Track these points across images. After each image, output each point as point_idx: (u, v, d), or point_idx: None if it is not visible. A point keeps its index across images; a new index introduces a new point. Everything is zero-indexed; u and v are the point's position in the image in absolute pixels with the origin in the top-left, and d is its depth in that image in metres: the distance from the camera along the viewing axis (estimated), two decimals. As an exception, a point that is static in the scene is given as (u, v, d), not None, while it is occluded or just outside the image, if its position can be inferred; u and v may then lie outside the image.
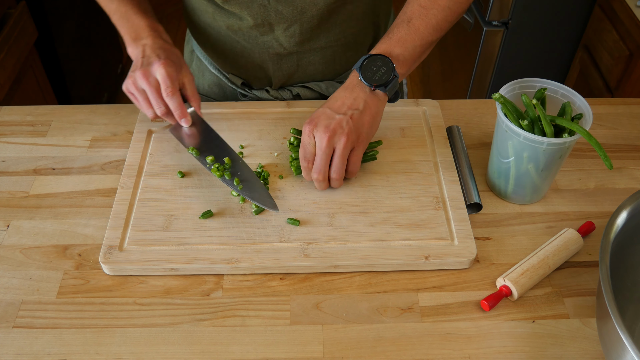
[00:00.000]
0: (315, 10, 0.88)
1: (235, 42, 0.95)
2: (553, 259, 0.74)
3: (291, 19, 0.89)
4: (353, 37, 0.96)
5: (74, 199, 0.84)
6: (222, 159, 0.83)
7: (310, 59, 0.96)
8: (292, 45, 0.93)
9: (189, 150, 0.84)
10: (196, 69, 1.07)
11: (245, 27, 0.92)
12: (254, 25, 0.90)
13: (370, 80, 0.80)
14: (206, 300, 0.72)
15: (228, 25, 0.93)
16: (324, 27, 0.92)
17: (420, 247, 0.76)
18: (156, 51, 0.84)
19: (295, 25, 0.90)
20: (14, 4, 1.71)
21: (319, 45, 0.94)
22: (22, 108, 0.99)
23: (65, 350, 0.67)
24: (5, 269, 0.75)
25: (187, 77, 0.86)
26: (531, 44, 1.89)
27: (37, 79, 1.86)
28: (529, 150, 0.75)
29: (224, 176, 0.81)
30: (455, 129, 0.92)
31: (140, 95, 0.84)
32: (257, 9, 0.88)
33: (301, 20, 0.89)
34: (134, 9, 0.88)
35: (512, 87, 0.79)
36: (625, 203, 0.66)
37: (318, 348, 0.67)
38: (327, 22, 0.91)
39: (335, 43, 0.95)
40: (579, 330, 0.69)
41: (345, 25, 0.93)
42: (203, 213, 0.79)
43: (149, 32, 0.86)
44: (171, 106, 0.83)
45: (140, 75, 0.82)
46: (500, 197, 0.84)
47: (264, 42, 0.93)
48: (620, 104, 1.00)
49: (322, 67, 0.98)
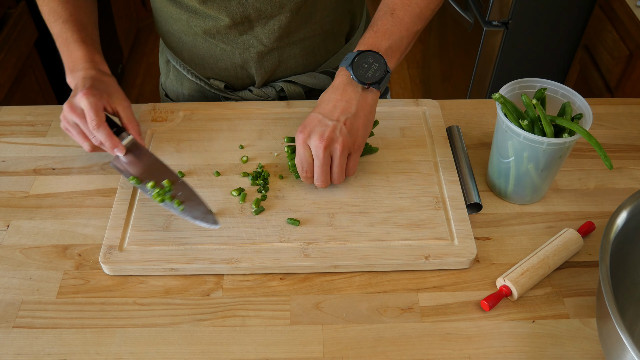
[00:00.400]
0: (293, 3, 0.88)
1: (213, 46, 0.95)
2: (553, 259, 0.74)
3: (270, 14, 0.89)
4: (330, 26, 0.96)
5: (74, 199, 0.84)
6: (162, 182, 0.81)
7: (291, 52, 0.96)
8: (272, 42, 0.93)
9: (130, 179, 0.82)
10: (174, 78, 1.05)
11: (224, 29, 0.91)
12: (232, 24, 0.90)
13: (363, 79, 0.78)
14: (206, 300, 0.72)
15: (205, 29, 0.92)
16: (302, 20, 0.92)
17: (420, 247, 0.76)
18: (85, 82, 0.82)
19: (274, 20, 0.90)
20: (14, 4, 1.71)
21: (298, 38, 0.94)
22: (22, 108, 0.99)
23: (65, 350, 0.67)
24: (5, 269, 0.75)
25: (121, 105, 0.84)
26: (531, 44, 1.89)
27: (37, 79, 1.86)
28: (529, 150, 0.75)
29: (165, 201, 0.80)
30: (455, 129, 0.92)
31: (73, 130, 0.82)
32: (235, 8, 0.88)
33: (280, 14, 0.89)
34: (74, 36, 0.87)
35: (512, 87, 0.79)
36: (625, 203, 0.66)
37: (318, 348, 0.67)
38: (305, 14, 0.91)
39: (313, 34, 0.95)
40: (579, 330, 0.69)
41: (321, 15, 0.94)
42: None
43: (84, 63, 0.85)
44: (100, 139, 0.81)
45: (67, 109, 0.81)
46: (500, 197, 0.84)
47: (243, 41, 0.93)
48: (620, 104, 1.00)
49: (302, 59, 0.98)
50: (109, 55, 2.52)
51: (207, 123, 0.93)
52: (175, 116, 0.94)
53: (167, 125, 0.92)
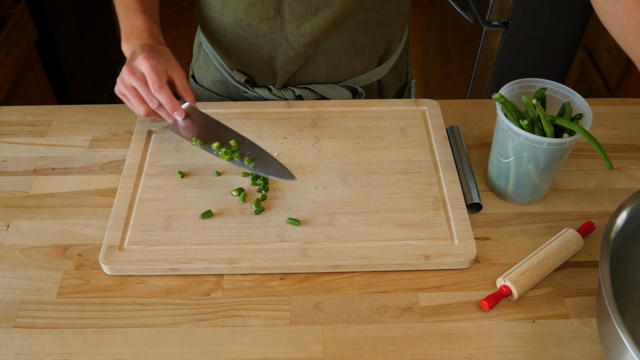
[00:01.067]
0: (329, 12, 0.88)
1: (242, 38, 0.95)
2: (553, 259, 0.74)
3: (303, 17, 0.89)
4: (362, 45, 0.96)
5: (74, 199, 0.84)
6: (228, 142, 0.82)
7: (316, 60, 0.96)
8: (300, 46, 0.93)
9: (193, 142, 0.83)
10: (202, 62, 1.07)
11: (255, 22, 0.91)
12: (264, 19, 0.90)
13: None
14: (206, 300, 0.72)
15: (236, 20, 0.92)
16: (335, 31, 0.92)
17: (420, 247, 0.76)
18: (143, 48, 0.83)
19: (306, 24, 0.90)
20: (14, 4, 1.71)
21: (327, 48, 0.94)
22: (22, 108, 0.99)
23: (65, 350, 0.67)
24: (5, 269, 0.75)
25: (177, 73, 0.84)
26: (531, 44, 1.89)
27: (37, 79, 1.86)
28: (529, 150, 0.75)
29: (234, 159, 0.80)
30: (455, 129, 0.92)
31: (130, 93, 0.82)
32: (271, 3, 0.88)
33: (313, 20, 0.89)
34: (135, 5, 0.87)
35: (512, 87, 0.79)
36: (625, 203, 0.66)
37: (318, 348, 0.67)
38: (339, 26, 0.91)
39: (343, 48, 0.95)
40: (579, 330, 0.69)
41: (357, 32, 0.93)
42: (203, 213, 0.79)
43: (141, 32, 0.85)
44: (161, 101, 0.81)
45: (126, 72, 0.81)
46: (501, 197, 0.84)
47: (272, 40, 0.93)
48: (620, 104, 1.00)
49: (326, 70, 0.98)
50: (109, 55, 2.52)
51: (207, 123, 0.93)
52: (175, 116, 0.94)
53: (167, 125, 0.92)
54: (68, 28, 2.06)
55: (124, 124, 0.95)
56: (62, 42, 2.00)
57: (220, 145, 0.82)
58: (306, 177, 0.84)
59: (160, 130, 0.91)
